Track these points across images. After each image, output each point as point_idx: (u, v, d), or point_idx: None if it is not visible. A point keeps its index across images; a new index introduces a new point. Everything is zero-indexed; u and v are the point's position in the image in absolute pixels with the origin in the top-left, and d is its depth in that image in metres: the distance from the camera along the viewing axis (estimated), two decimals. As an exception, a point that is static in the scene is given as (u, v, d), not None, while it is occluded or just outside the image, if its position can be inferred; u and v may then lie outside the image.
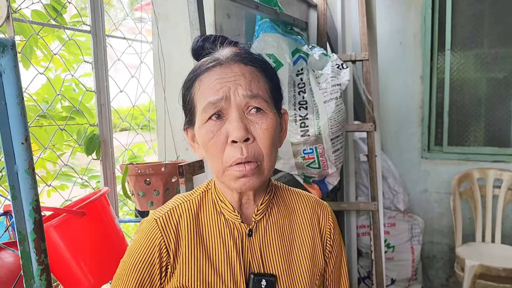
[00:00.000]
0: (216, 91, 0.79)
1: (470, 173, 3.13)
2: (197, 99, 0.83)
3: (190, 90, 0.85)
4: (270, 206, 0.93)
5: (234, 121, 0.78)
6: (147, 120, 1.99)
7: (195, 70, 0.85)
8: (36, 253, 0.93)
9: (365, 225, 3.10)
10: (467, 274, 2.71)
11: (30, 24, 1.40)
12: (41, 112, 1.44)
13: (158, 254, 0.84)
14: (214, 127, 0.79)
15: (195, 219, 0.88)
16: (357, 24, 2.77)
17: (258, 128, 0.80)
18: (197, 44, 0.90)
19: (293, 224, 0.94)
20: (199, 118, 0.82)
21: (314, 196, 1.01)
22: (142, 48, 1.85)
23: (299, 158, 1.94)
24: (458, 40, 3.28)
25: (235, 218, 0.88)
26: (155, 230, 0.85)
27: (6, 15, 0.89)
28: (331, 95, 1.86)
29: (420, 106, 3.40)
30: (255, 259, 0.88)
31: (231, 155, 0.78)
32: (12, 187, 0.89)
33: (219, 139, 0.79)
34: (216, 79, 0.80)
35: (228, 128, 0.78)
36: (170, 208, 0.89)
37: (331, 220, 0.98)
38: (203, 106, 0.80)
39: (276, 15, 1.92)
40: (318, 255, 0.94)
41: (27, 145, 0.91)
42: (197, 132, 0.84)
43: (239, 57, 0.83)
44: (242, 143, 0.78)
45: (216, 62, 0.82)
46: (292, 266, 0.90)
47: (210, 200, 0.91)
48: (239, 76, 0.80)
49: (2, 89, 0.87)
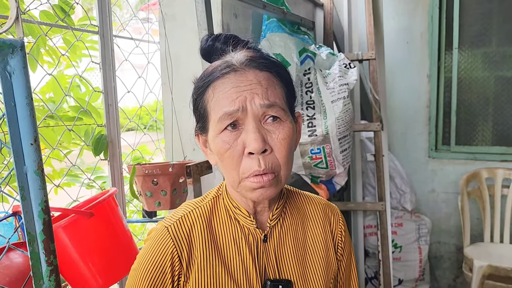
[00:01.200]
0: (232, 101, 0.76)
1: (478, 173, 3.10)
2: (211, 107, 0.80)
3: (202, 97, 0.82)
4: (284, 211, 0.92)
5: (251, 132, 0.76)
6: (154, 121, 1.99)
7: (207, 76, 0.82)
8: (45, 254, 0.93)
9: (372, 225, 3.09)
10: (475, 275, 2.68)
11: (39, 25, 1.40)
12: (49, 113, 1.44)
13: (170, 263, 0.82)
14: (230, 138, 0.77)
15: (208, 226, 0.86)
16: (363, 23, 2.76)
17: (275, 138, 0.78)
18: (207, 44, 0.88)
19: (305, 228, 0.93)
20: (214, 127, 0.79)
21: (323, 198, 1.01)
22: (149, 49, 1.85)
23: (307, 158, 1.93)
24: (465, 39, 3.25)
25: (251, 224, 0.86)
26: (166, 239, 0.83)
27: (15, 16, 0.89)
28: (339, 94, 1.86)
29: (427, 106, 3.38)
30: (270, 265, 0.87)
31: (248, 166, 0.76)
32: (21, 188, 0.89)
33: (235, 150, 0.77)
34: (231, 87, 0.77)
35: (245, 139, 0.76)
36: (181, 215, 0.87)
37: (342, 223, 0.98)
38: (218, 116, 0.77)
39: (283, 14, 1.91)
40: (331, 258, 0.93)
41: (36, 146, 0.91)
42: (211, 141, 0.81)
43: (254, 63, 0.80)
44: (259, 155, 0.76)
45: (230, 68, 0.79)
46: (306, 271, 0.89)
47: (222, 206, 0.89)
48: (255, 84, 0.78)
49: (12, 90, 0.87)
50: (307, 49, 1.96)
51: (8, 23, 0.89)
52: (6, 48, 0.86)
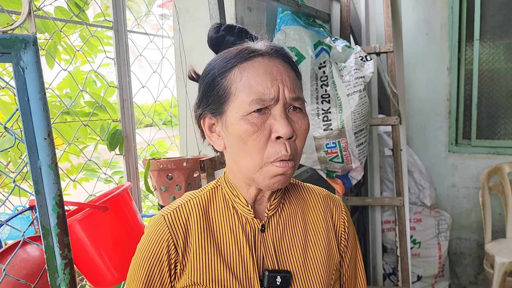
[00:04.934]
0: (268, 88, 0.77)
1: (500, 167, 3.03)
2: (238, 88, 0.78)
3: (225, 78, 0.80)
4: (282, 201, 0.92)
5: (281, 118, 0.77)
6: (169, 116, 2.00)
7: (232, 57, 0.80)
8: (59, 247, 0.94)
9: (390, 221, 3.04)
10: (497, 271, 2.62)
11: (54, 21, 1.42)
12: (65, 109, 1.46)
13: (166, 251, 0.83)
14: (258, 120, 0.77)
15: (204, 215, 0.86)
16: (381, 15, 2.71)
17: (298, 128, 0.80)
18: (219, 33, 0.86)
19: (306, 219, 0.92)
20: (241, 108, 0.77)
21: (325, 190, 1.00)
22: (163, 44, 1.86)
23: (322, 152, 1.91)
24: (487, 30, 3.17)
25: (248, 213, 0.87)
26: (162, 227, 0.84)
27: (28, 11, 0.90)
28: (355, 87, 1.82)
29: (447, 99, 3.31)
30: (268, 255, 0.86)
31: (275, 151, 0.77)
32: (35, 182, 0.90)
33: (262, 134, 0.77)
34: (264, 72, 0.78)
35: (272, 124, 0.77)
36: (179, 205, 0.88)
37: (345, 214, 0.97)
38: (251, 99, 0.76)
39: (298, 7, 1.89)
40: (333, 250, 0.92)
41: (50, 140, 0.91)
42: (233, 124, 0.79)
43: (278, 52, 0.82)
44: (286, 140, 0.78)
45: (257, 53, 0.80)
46: (307, 262, 0.88)
47: (221, 196, 0.89)
48: (284, 74, 0.79)
49: (25, 85, 0.88)
50: (323, 42, 1.93)
51: (21, 18, 0.89)
52: (18, 43, 0.87)
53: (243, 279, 0.83)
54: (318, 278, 0.88)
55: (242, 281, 0.83)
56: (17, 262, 1.06)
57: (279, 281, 0.84)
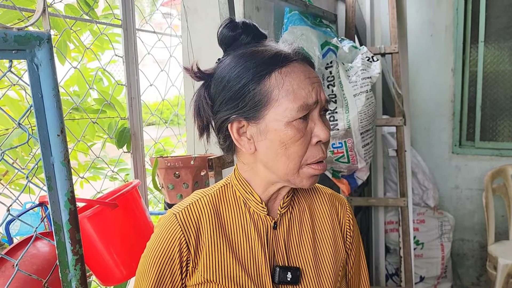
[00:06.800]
0: (309, 92, 0.80)
1: (504, 169, 3.03)
2: (280, 94, 0.78)
3: (263, 82, 0.79)
4: (293, 199, 0.93)
5: (320, 122, 0.81)
6: (176, 114, 2.00)
7: (266, 62, 0.80)
8: (71, 244, 0.94)
9: (393, 221, 3.05)
10: (500, 273, 2.63)
11: (64, 19, 1.42)
12: (74, 106, 1.47)
13: (178, 249, 0.83)
14: (303, 126, 0.80)
15: (216, 213, 0.87)
16: (386, 16, 2.72)
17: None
18: (235, 31, 0.85)
19: (313, 217, 0.94)
20: (284, 114, 0.78)
21: (329, 189, 1.02)
22: (171, 42, 1.86)
23: (328, 152, 1.91)
24: (492, 32, 3.17)
25: (262, 210, 0.88)
26: (174, 225, 0.85)
27: (42, 9, 0.90)
28: (361, 88, 1.83)
29: (451, 100, 3.31)
30: (279, 251, 0.88)
31: (314, 154, 0.81)
32: (48, 178, 0.91)
33: (306, 139, 0.80)
34: (304, 77, 0.80)
35: (313, 128, 0.81)
36: (190, 203, 0.88)
37: (349, 212, 0.99)
38: (298, 105, 0.78)
39: (305, 7, 1.90)
40: (340, 247, 0.94)
41: (63, 137, 0.92)
42: (276, 130, 0.79)
43: (304, 57, 0.84)
44: (322, 143, 0.82)
45: (292, 58, 0.81)
46: (316, 258, 0.90)
47: (231, 193, 0.90)
48: (316, 78, 0.83)
49: (39, 82, 0.89)
50: (329, 42, 1.94)
51: (35, 16, 0.90)
52: (33, 40, 0.87)
53: (255, 275, 0.84)
54: (326, 275, 0.89)
55: (254, 277, 0.84)
56: (28, 258, 1.07)
57: (289, 277, 0.85)
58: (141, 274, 0.87)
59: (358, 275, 1.01)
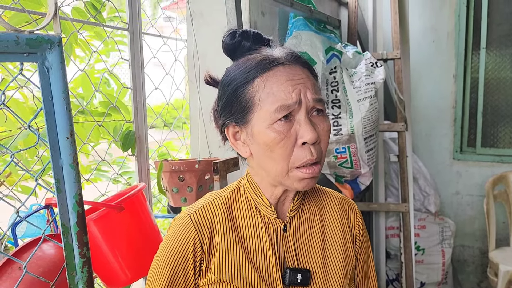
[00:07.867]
0: (289, 93, 0.79)
1: (505, 176, 3.03)
2: (261, 98, 0.80)
3: (247, 88, 0.82)
4: (302, 202, 0.94)
5: (306, 123, 0.80)
6: (180, 118, 2.01)
7: (252, 68, 0.83)
8: (78, 246, 0.95)
9: (394, 227, 3.05)
10: (501, 280, 2.63)
11: (72, 22, 1.43)
12: (80, 108, 1.47)
13: (192, 249, 0.85)
14: (284, 128, 0.79)
15: (229, 214, 0.89)
16: (388, 22, 2.73)
17: (321, 130, 0.82)
18: (235, 39, 0.87)
19: (323, 220, 0.95)
20: (266, 118, 0.80)
21: (339, 193, 1.03)
22: (176, 46, 1.87)
23: (331, 157, 1.92)
24: (494, 39, 3.18)
25: (271, 214, 0.89)
26: (189, 226, 0.86)
27: (54, 12, 0.91)
28: (365, 93, 1.84)
29: (453, 106, 3.32)
30: (289, 254, 0.89)
31: (300, 156, 0.80)
32: (57, 181, 0.91)
33: (289, 140, 0.80)
34: (285, 80, 0.80)
35: (298, 130, 0.80)
36: (203, 204, 0.90)
37: (359, 217, 1.00)
38: (275, 107, 0.79)
39: (310, 12, 1.91)
40: (349, 250, 0.95)
41: (72, 139, 0.92)
42: (259, 132, 0.81)
43: (298, 59, 0.84)
44: (311, 145, 0.80)
45: (278, 62, 0.82)
46: (325, 261, 0.91)
47: (243, 196, 0.91)
48: (305, 78, 0.82)
49: (49, 85, 0.89)
50: (334, 48, 1.95)
51: (47, 19, 0.91)
52: (44, 43, 0.88)
53: (266, 276, 0.85)
54: (336, 277, 0.90)
55: (265, 278, 0.85)
56: (34, 260, 1.07)
57: (299, 279, 0.86)
58: (154, 274, 0.88)
59: (366, 279, 1.02)
